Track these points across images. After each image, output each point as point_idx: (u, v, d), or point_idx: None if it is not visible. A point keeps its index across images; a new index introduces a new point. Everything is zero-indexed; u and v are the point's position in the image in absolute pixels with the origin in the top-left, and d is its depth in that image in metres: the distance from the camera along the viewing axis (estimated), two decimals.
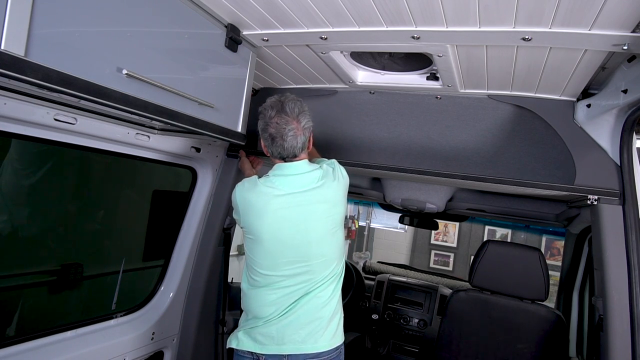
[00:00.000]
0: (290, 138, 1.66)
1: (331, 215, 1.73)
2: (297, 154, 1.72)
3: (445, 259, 8.65)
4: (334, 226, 1.74)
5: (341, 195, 1.78)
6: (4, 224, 2.11)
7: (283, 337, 1.68)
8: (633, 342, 1.59)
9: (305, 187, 1.70)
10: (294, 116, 1.66)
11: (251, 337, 1.74)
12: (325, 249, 1.72)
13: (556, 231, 6.56)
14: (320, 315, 1.71)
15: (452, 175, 1.97)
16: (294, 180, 1.71)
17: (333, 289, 1.76)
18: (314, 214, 1.69)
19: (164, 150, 2.09)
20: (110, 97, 1.22)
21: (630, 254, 1.62)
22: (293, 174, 1.72)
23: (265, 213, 1.69)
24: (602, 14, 1.18)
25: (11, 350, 1.67)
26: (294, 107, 1.66)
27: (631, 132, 1.64)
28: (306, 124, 1.70)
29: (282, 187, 1.70)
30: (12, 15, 0.96)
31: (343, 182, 1.79)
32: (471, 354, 2.20)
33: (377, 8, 1.35)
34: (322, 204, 1.71)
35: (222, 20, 1.60)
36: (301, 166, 1.74)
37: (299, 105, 1.68)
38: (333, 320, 1.75)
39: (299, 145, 1.69)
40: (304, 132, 1.70)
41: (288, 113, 1.66)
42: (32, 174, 2.17)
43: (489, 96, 1.96)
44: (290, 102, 1.67)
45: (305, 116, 1.70)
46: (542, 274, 2.09)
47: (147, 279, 2.46)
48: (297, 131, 1.67)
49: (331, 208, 1.73)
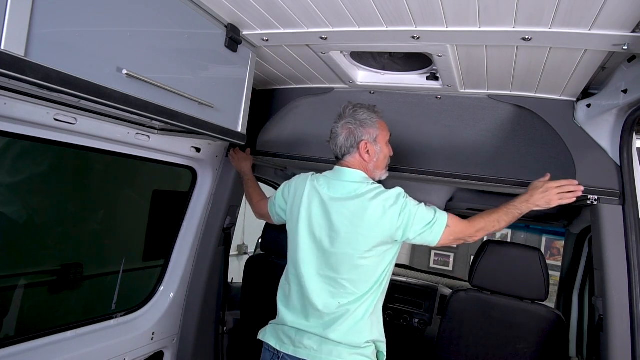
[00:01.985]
0: (342, 138, 1.70)
1: (353, 235, 1.59)
2: (345, 153, 1.70)
3: (445, 259, 8.64)
4: (357, 246, 1.59)
5: (374, 223, 1.58)
6: (3, 223, 2.11)
7: (301, 340, 1.64)
8: (633, 342, 1.59)
9: (344, 196, 1.64)
10: (345, 117, 1.70)
11: (275, 333, 1.74)
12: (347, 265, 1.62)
13: (556, 231, 6.57)
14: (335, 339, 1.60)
15: (452, 175, 1.97)
16: (339, 186, 1.67)
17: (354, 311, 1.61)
18: (340, 226, 1.62)
19: (164, 150, 2.09)
20: (110, 97, 1.22)
21: (630, 254, 1.62)
22: (344, 180, 1.68)
23: (302, 203, 1.71)
24: (602, 14, 1.18)
25: (11, 350, 1.67)
26: (350, 111, 1.70)
27: (631, 132, 1.64)
28: (355, 126, 1.67)
29: (325, 188, 1.70)
30: (12, 15, 0.96)
31: (390, 217, 1.57)
32: (471, 354, 2.19)
33: (377, 8, 1.35)
34: (347, 219, 1.61)
35: (222, 20, 1.60)
36: (357, 175, 1.68)
37: (353, 108, 1.70)
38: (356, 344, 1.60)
39: (349, 145, 1.69)
40: (352, 133, 1.68)
41: (342, 115, 1.71)
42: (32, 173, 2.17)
43: (489, 96, 1.96)
44: (350, 107, 1.71)
45: (357, 119, 1.68)
46: (542, 274, 2.09)
47: (147, 279, 2.46)
48: (343, 130, 1.69)
49: (361, 229, 1.58)
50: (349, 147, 1.69)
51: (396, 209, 1.58)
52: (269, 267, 2.64)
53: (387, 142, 1.77)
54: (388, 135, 1.77)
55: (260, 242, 2.89)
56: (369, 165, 1.72)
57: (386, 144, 1.75)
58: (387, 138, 1.77)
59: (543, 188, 1.68)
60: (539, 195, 1.67)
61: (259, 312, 2.66)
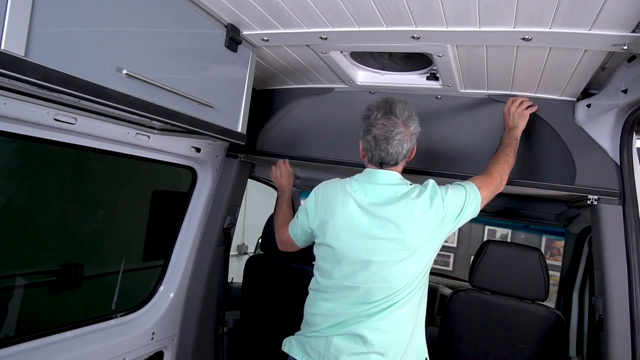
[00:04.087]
0: (396, 142, 1.51)
1: (400, 239, 1.47)
2: (398, 162, 1.56)
3: (445, 259, 8.64)
4: (403, 250, 1.48)
5: (425, 219, 1.48)
6: (3, 223, 2.11)
7: (330, 356, 1.51)
8: (633, 342, 1.59)
9: (386, 200, 1.51)
10: (403, 119, 1.52)
11: (302, 345, 1.60)
12: (386, 273, 1.49)
13: (556, 231, 6.56)
14: (372, 345, 1.48)
15: (452, 175, 1.97)
16: (378, 190, 1.54)
17: (393, 321, 1.50)
18: (381, 232, 1.49)
19: (164, 150, 2.09)
20: (110, 97, 1.22)
21: (630, 254, 1.62)
22: (382, 183, 1.55)
23: (335, 210, 1.56)
24: (602, 14, 1.18)
25: (11, 350, 1.67)
26: (403, 110, 1.53)
27: (631, 132, 1.64)
28: (414, 129, 1.55)
29: (362, 193, 1.55)
30: (12, 15, 0.96)
31: (436, 208, 1.48)
32: (471, 354, 2.19)
33: (377, 8, 1.35)
34: (393, 223, 1.47)
35: (222, 20, 1.60)
36: (393, 177, 1.56)
37: (408, 108, 1.55)
38: (392, 358, 1.48)
39: (404, 152, 1.55)
40: (411, 138, 1.55)
41: (397, 115, 1.51)
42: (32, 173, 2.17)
43: (489, 96, 1.96)
44: (399, 103, 1.53)
45: (414, 121, 1.56)
46: (542, 274, 2.09)
47: (147, 278, 2.46)
48: (405, 136, 1.52)
49: (406, 233, 1.47)
50: (403, 154, 1.55)
51: (438, 200, 1.50)
52: (269, 267, 2.64)
53: None
54: None
55: (260, 242, 2.89)
56: None
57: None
58: None
59: (512, 113, 1.84)
60: (516, 119, 1.82)
61: (259, 312, 2.66)
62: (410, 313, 1.52)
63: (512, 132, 1.80)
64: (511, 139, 1.78)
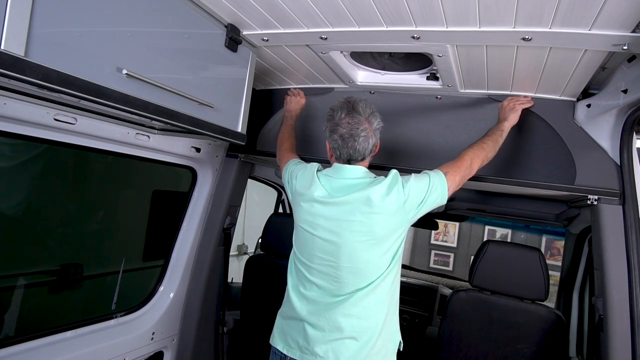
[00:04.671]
0: (362, 139, 1.58)
1: (363, 224, 1.54)
2: (365, 157, 1.63)
3: (445, 259, 8.64)
4: (367, 235, 1.55)
5: (385, 205, 1.53)
6: (3, 223, 2.11)
7: (307, 346, 1.58)
8: (633, 342, 1.59)
9: (349, 191, 1.58)
10: (366, 117, 1.58)
11: (283, 335, 1.68)
12: (353, 258, 1.56)
13: (556, 231, 6.57)
14: (345, 330, 1.54)
15: None
16: (344, 184, 1.61)
17: (365, 306, 1.55)
18: (348, 221, 1.55)
19: (164, 150, 2.09)
20: (110, 97, 1.22)
21: (630, 254, 1.62)
22: (349, 177, 1.62)
23: (304, 197, 1.65)
24: (602, 14, 1.18)
25: (11, 350, 1.67)
26: (365, 108, 1.59)
27: (631, 132, 1.64)
28: (377, 125, 1.62)
29: (327, 188, 1.62)
30: (12, 15, 0.96)
31: (396, 194, 1.54)
32: (471, 354, 2.19)
33: (377, 8, 1.35)
34: (357, 210, 1.54)
35: (222, 20, 1.60)
36: (359, 171, 1.62)
37: (369, 106, 1.61)
38: (366, 343, 1.53)
39: (370, 147, 1.61)
40: (375, 134, 1.62)
41: (360, 113, 1.58)
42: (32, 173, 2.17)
43: (489, 96, 1.96)
44: (361, 102, 1.60)
45: (376, 117, 1.62)
46: (542, 274, 2.09)
47: (147, 278, 2.46)
48: (369, 132, 1.59)
49: (368, 219, 1.54)
50: (369, 149, 1.62)
51: (399, 186, 1.55)
52: (269, 267, 2.63)
53: None
54: None
55: (260, 242, 2.89)
56: None
57: None
58: None
59: (504, 107, 1.86)
60: (507, 113, 1.83)
61: (259, 312, 2.66)
62: (382, 298, 1.58)
63: (499, 124, 1.81)
64: (496, 130, 1.78)
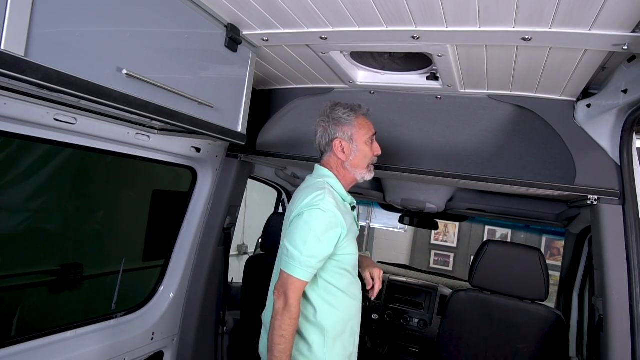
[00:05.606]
0: (316, 135, 1.75)
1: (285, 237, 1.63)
2: (322, 152, 1.75)
3: (445, 259, 8.64)
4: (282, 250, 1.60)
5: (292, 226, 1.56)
6: (4, 224, 2.11)
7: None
8: (633, 342, 1.59)
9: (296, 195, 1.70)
10: (325, 114, 1.73)
11: None
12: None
13: (556, 231, 6.56)
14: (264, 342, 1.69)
15: (452, 175, 1.97)
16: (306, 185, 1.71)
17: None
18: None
19: (164, 150, 2.09)
20: (110, 97, 1.22)
21: (630, 254, 1.62)
22: (314, 176, 1.73)
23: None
24: (602, 14, 1.18)
25: (11, 350, 1.67)
26: (326, 108, 1.74)
27: (631, 132, 1.64)
28: (331, 125, 1.69)
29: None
30: (12, 15, 0.96)
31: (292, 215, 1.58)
32: (471, 354, 2.19)
33: (377, 8, 1.35)
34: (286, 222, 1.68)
35: (222, 20, 1.60)
36: (321, 171, 1.71)
37: (333, 108, 1.72)
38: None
39: (323, 143, 1.72)
40: (329, 132, 1.69)
41: (322, 111, 1.74)
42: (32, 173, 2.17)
43: (489, 96, 1.96)
44: (336, 105, 1.73)
45: (333, 118, 1.69)
46: (542, 274, 2.09)
47: (147, 278, 2.46)
48: (322, 129, 1.72)
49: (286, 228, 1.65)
50: (324, 145, 1.72)
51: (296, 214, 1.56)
52: (269, 267, 2.63)
53: (368, 140, 1.70)
54: (369, 134, 1.71)
55: (260, 242, 2.89)
56: (346, 163, 1.69)
57: (365, 143, 1.69)
58: (368, 136, 1.70)
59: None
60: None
61: (259, 312, 2.66)
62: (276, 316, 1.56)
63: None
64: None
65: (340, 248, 1.58)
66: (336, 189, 1.66)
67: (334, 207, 1.53)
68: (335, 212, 1.53)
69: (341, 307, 1.63)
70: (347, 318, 1.66)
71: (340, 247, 1.58)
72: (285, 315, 1.48)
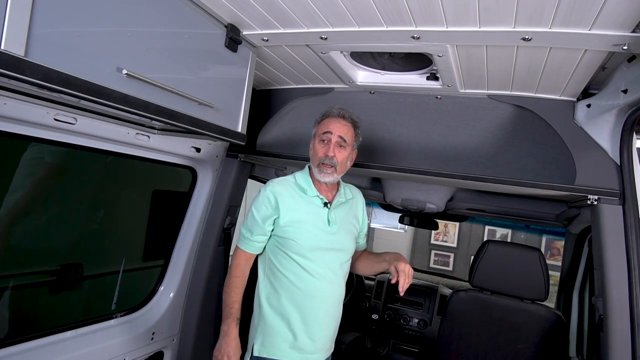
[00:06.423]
0: None
1: None
2: None
3: (445, 259, 8.65)
4: None
5: None
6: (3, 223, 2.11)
7: None
8: (633, 342, 1.59)
9: None
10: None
11: None
12: None
13: (556, 231, 6.57)
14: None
15: (452, 175, 1.97)
16: None
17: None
18: None
19: (164, 150, 2.09)
20: (110, 97, 1.22)
21: (630, 254, 1.62)
22: None
23: None
24: (602, 14, 1.18)
25: (11, 350, 1.67)
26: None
27: (631, 132, 1.64)
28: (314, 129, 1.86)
29: None
30: (12, 15, 0.96)
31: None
32: (471, 354, 2.20)
33: (377, 8, 1.35)
34: None
35: (222, 20, 1.60)
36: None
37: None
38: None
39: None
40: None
41: None
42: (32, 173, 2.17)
43: (489, 96, 1.96)
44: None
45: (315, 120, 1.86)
46: (542, 274, 2.09)
47: (147, 278, 2.46)
48: None
49: None
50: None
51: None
52: None
53: (319, 138, 1.78)
54: (320, 131, 1.78)
55: None
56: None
57: (318, 141, 1.78)
58: (319, 134, 1.78)
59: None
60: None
61: None
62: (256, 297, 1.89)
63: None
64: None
65: (282, 231, 1.72)
66: (298, 180, 1.81)
67: (270, 192, 1.73)
68: (269, 195, 1.73)
69: (282, 291, 1.74)
70: (289, 304, 1.72)
71: (283, 230, 1.72)
72: (228, 275, 1.81)
